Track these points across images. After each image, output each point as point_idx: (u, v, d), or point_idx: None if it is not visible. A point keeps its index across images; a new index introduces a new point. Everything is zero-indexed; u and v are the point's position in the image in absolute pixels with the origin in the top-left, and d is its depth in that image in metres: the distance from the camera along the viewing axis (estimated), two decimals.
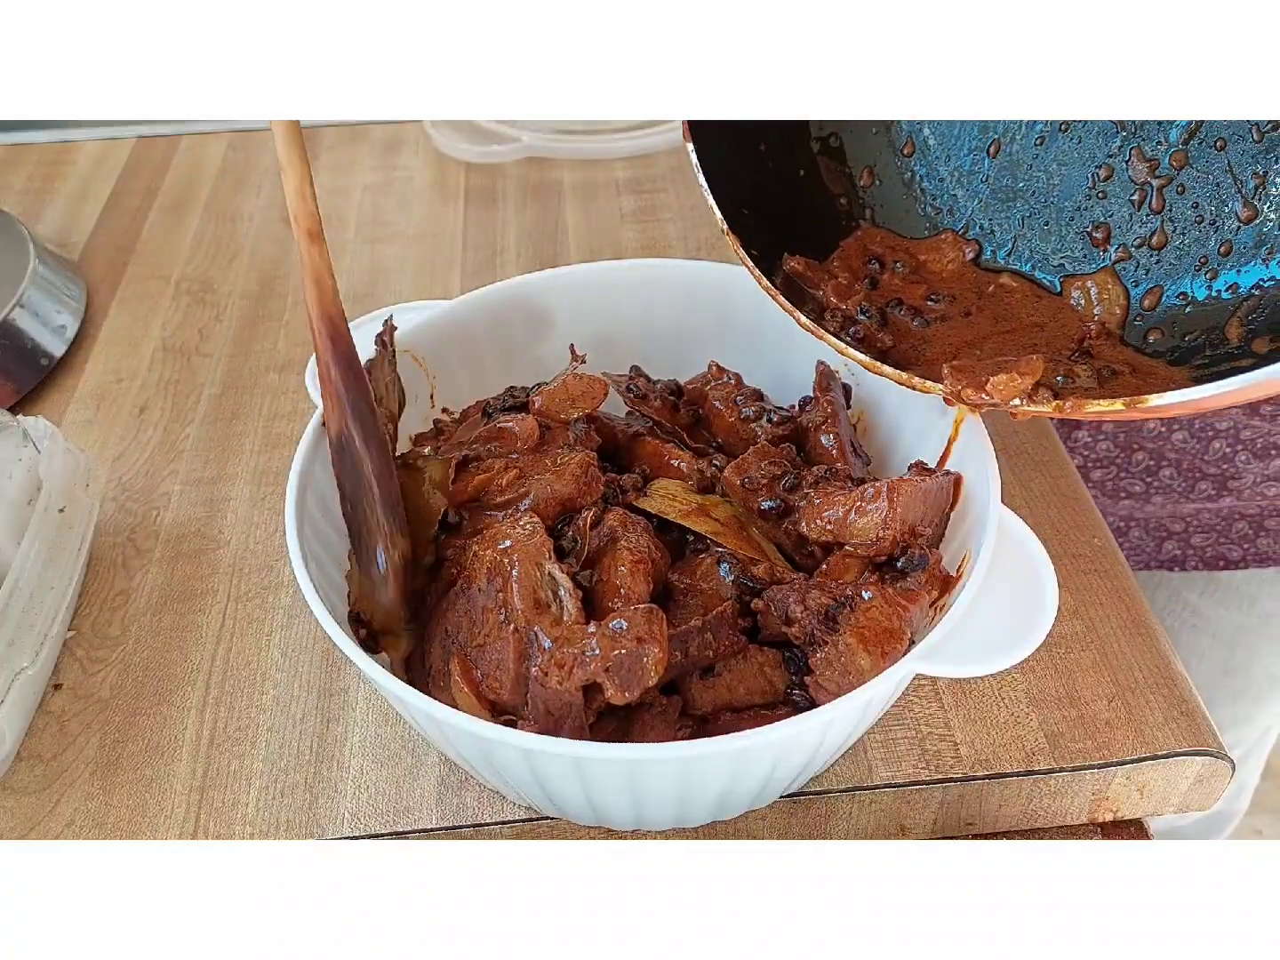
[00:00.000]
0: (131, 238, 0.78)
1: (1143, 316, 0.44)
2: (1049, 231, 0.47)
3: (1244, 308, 0.41)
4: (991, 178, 0.49)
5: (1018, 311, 0.46)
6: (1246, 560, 0.77)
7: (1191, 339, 0.42)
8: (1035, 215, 0.47)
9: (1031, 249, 0.48)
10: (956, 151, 0.50)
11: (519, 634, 0.39)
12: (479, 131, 0.84)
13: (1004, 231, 0.48)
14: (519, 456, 0.46)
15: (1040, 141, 0.47)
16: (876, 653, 0.37)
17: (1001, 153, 0.48)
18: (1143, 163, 0.44)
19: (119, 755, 0.47)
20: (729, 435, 0.49)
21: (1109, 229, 0.45)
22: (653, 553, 0.42)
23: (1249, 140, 0.41)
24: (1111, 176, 0.45)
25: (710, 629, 0.40)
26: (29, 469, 0.50)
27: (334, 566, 0.44)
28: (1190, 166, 0.43)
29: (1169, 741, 0.45)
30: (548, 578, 0.39)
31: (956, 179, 0.50)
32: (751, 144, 0.49)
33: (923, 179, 0.50)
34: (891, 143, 0.51)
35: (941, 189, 0.50)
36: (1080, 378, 0.41)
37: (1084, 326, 0.44)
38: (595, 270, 0.53)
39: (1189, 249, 0.43)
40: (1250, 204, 0.42)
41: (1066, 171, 0.47)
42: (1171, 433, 0.72)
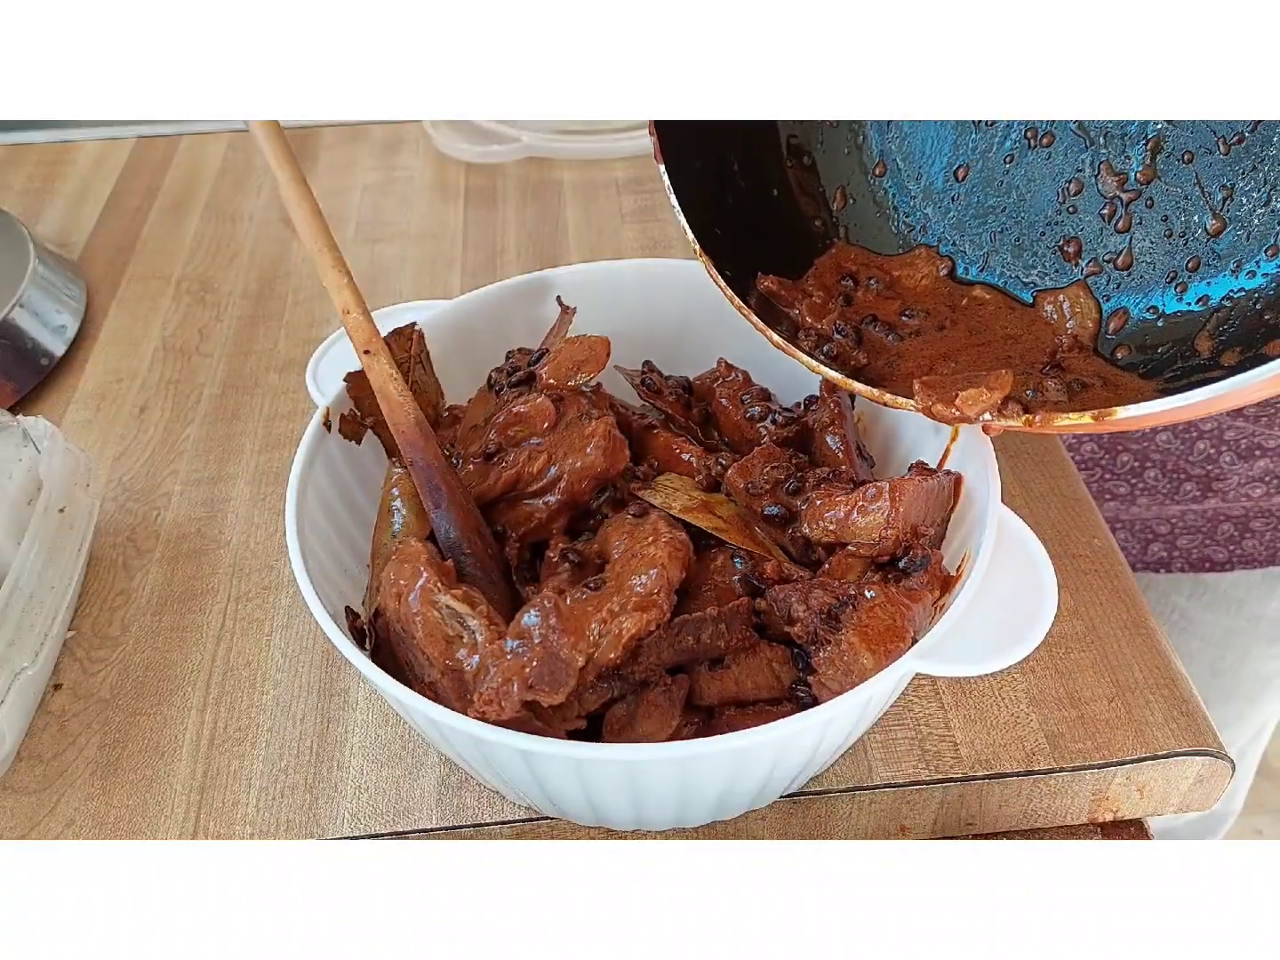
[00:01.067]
0: (131, 238, 0.78)
1: (1114, 330, 0.44)
2: (1021, 247, 0.47)
3: (1214, 320, 0.41)
4: (962, 196, 0.49)
5: (991, 324, 0.47)
6: (1232, 562, 0.77)
7: (1163, 351, 0.42)
8: (1007, 231, 0.48)
9: (1004, 264, 0.48)
10: (927, 171, 0.50)
11: (448, 676, 0.38)
12: (479, 131, 0.84)
13: (976, 248, 0.48)
14: (541, 441, 0.45)
15: (1010, 159, 0.47)
16: (880, 652, 0.37)
17: (971, 172, 0.48)
18: (1112, 176, 0.44)
19: (119, 755, 0.47)
20: (734, 434, 0.49)
21: (1080, 243, 0.45)
22: (688, 545, 0.42)
23: (1216, 153, 0.41)
24: (1081, 191, 0.45)
25: (725, 620, 0.40)
26: (29, 469, 0.50)
27: (334, 566, 0.44)
28: (1159, 180, 0.43)
29: (1169, 741, 0.45)
30: (447, 612, 0.38)
31: (927, 197, 0.50)
32: (724, 164, 0.49)
33: (895, 197, 0.51)
34: (863, 164, 0.51)
35: (914, 207, 0.50)
36: (1050, 391, 0.42)
37: (1056, 340, 0.45)
38: (596, 270, 0.53)
39: (1159, 262, 0.43)
40: (1219, 216, 0.42)
41: (1037, 188, 0.47)
42: (1156, 434, 0.72)
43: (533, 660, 0.36)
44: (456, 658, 0.38)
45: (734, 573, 0.42)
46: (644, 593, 0.39)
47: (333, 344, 0.50)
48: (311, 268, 0.74)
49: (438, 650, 0.38)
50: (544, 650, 0.36)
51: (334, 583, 0.43)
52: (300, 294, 0.72)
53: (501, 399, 0.47)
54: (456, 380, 0.52)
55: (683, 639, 0.39)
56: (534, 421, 0.45)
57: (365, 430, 0.48)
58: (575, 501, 0.44)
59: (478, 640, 0.37)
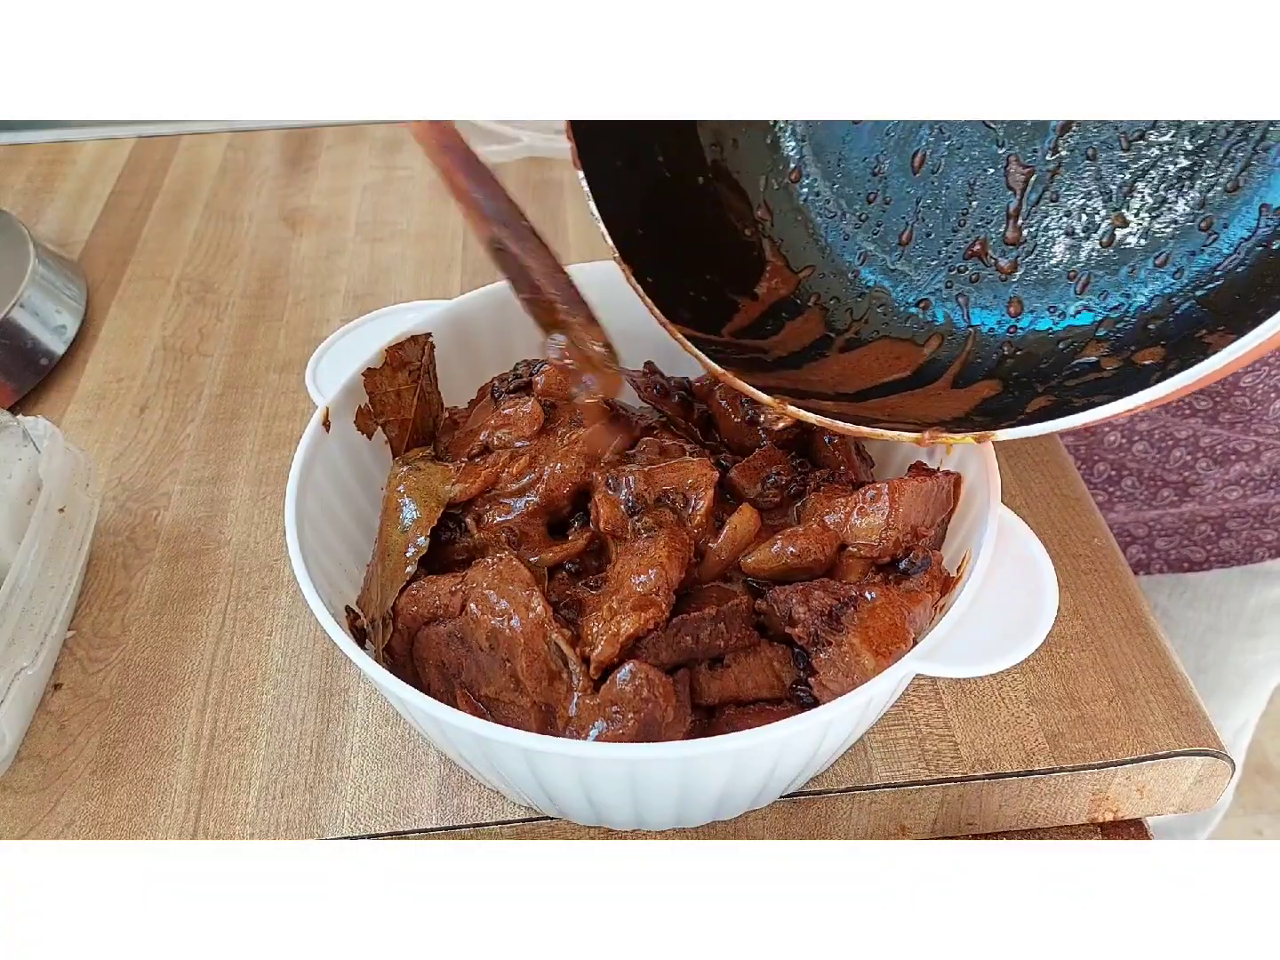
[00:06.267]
0: (131, 238, 0.78)
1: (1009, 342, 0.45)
2: (930, 243, 0.47)
3: (1104, 325, 0.42)
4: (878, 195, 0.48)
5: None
6: (1210, 562, 0.77)
7: (1044, 365, 0.43)
8: (921, 228, 0.47)
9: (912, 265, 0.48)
10: (848, 194, 0.49)
11: (537, 708, 0.39)
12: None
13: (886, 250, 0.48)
14: (527, 444, 0.45)
15: (917, 157, 0.47)
16: (880, 653, 0.37)
17: (886, 168, 0.48)
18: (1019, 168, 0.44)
19: (119, 755, 0.47)
20: (733, 435, 0.49)
21: (985, 244, 0.45)
22: (688, 545, 0.42)
23: (1117, 149, 0.41)
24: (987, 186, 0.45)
25: (724, 619, 0.40)
26: (29, 469, 0.50)
27: (334, 566, 0.44)
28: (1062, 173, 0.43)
29: (1169, 741, 0.45)
30: (554, 649, 0.39)
31: (848, 217, 0.49)
32: (645, 160, 0.48)
33: (813, 213, 0.50)
34: (778, 168, 0.50)
35: (834, 225, 0.49)
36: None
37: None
38: (596, 270, 0.53)
39: (1058, 266, 0.43)
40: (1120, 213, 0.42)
41: (948, 181, 0.46)
42: (1132, 444, 0.72)
43: (629, 731, 0.37)
44: (557, 697, 0.39)
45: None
46: (644, 592, 0.39)
47: (333, 344, 0.49)
48: (311, 267, 0.74)
49: (538, 683, 0.39)
50: (638, 724, 0.37)
51: (334, 583, 0.43)
52: (300, 294, 0.72)
53: (498, 404, 0.48)
54: (456, 380, 0.52)
55: (682, 639, 0.39)
56: (521, 425, 0.46)
57: (377, 427, 0.49)
58: (552, 506, 0.44)
59: (576, 677, 0.39)
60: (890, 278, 0.48)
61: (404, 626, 0.42)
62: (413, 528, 0.44)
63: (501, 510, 0.44)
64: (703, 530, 0.42)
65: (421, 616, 0.42)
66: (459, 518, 0.44)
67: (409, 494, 0.45)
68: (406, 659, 0.43)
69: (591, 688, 0.38)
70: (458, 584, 0.41)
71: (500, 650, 0.40)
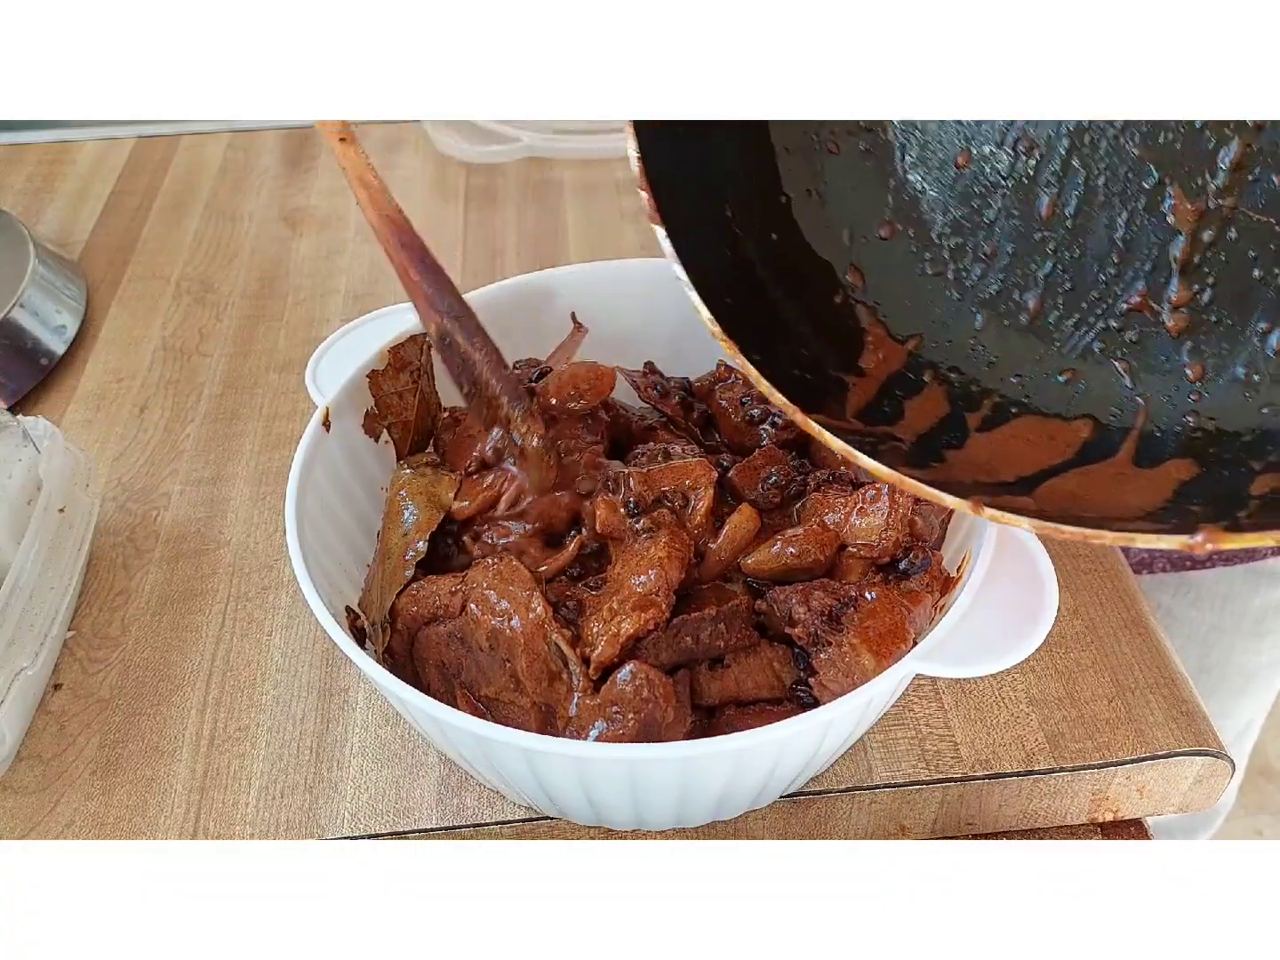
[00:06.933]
0: (131, 238, 0.78)
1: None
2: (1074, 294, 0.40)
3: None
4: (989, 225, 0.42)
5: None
6: (1213, 560, 0.77)
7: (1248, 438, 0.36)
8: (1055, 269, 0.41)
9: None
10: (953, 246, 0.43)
11: (538, 708, 0.39)
12: (479, 131, 0.84)
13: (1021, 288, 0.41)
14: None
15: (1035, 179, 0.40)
16: (881, 653, 0.37)
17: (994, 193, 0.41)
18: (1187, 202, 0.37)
19: (119, 755, 0.47)
20: (734, 436, 0.49)
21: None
22: (688, 545, 0.42)
23: None
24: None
25: (724, 619, 0.40)
26: (29, 469, 0.50)
27: (334, 566, 0.44)
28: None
29: (1169, 741, 0.45)
30: (554, 649, 0.39)
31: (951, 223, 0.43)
32: (722, 215, 0.42)
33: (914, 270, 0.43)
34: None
35: (937, 283, 0.43)
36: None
37: None
38: (596, 270, 0.53)
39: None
40: None
41: (1088, 214, 0.40)
42: None
43: (629, 731, 0.37)
44: (557, 697, 0.39)
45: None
46: (643, 593, 0.39)
47: (333, 344, 0.49)
48: (311, 267, 0.74)
49: (538, 684, 0.39)
50: (638, 724, 0.37)
51: (334, 583, 0.43)
52: (300, 294, 0.72)
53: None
54: None
55: (682, 639, 0.39)
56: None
57: (383, 430, 0.49)
58: (550, 529, 0.44)
59: (576, 678, 0.39)
60: (1023, 341, 0.42)
61: (404, 627, 0.42)
62: (413, 531, 0.44)
63: (500, 534, 0.44)
64: (702, 531, 0.42)
65: (421, 617, 0.42)
66: (457, 535, 0.45)
67: (411, 498, 0.45)
68: (406, 659, 0.43)
69: (592, 688, 0.38)
70: (458, 584, 0.41)
71: (500, 650, 0.40)
